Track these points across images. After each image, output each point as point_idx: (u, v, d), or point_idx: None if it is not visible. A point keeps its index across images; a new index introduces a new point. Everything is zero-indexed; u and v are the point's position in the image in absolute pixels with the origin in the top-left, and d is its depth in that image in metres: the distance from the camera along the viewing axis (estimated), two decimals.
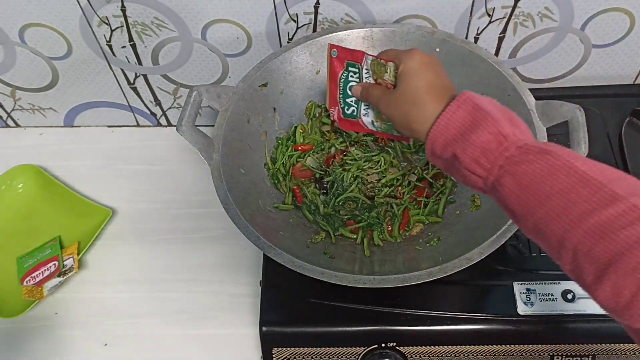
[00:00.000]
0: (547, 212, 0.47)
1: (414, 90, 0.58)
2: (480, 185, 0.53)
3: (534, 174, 0.48)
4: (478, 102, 0.53)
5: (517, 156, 0.50)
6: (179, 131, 0.76)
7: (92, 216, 0.91)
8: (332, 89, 0.69)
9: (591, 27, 0.86)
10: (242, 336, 0.80)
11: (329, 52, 0.68)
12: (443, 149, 0.54)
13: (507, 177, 0.50)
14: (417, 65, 0.59)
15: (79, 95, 0.99)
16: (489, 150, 0.51)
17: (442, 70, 0.60)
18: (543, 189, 0.47)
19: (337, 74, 0.68)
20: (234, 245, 0.88)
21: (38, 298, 0.83)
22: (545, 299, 0.72)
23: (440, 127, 0.54)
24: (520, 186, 0.49)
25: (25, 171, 0.95)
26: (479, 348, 0.72)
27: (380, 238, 0.77)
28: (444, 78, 0.59)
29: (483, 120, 0.52)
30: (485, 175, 0.52)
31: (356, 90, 0.67)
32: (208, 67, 0.93)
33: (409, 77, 0.59)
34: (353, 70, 0.67)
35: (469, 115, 0.53)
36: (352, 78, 0.68)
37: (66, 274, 0.84)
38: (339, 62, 0.68)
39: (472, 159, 0.52)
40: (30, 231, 0.92)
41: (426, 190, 0.81)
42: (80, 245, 0.88)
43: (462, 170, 0.53)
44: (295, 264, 0.66)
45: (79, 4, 0.83)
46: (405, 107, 0.58)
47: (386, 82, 0.63)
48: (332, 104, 0.70)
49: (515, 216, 0.51)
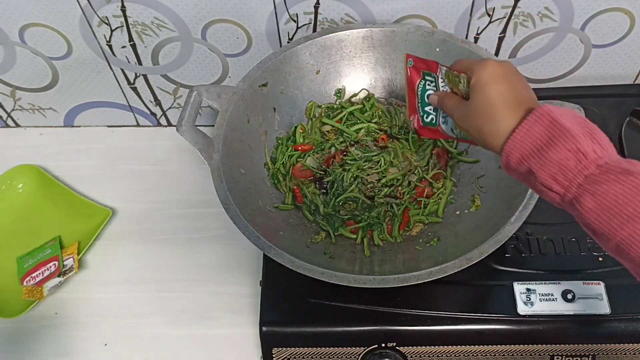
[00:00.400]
0: (630, 234, 0.46)
1: (486, 104, 0.56)
2: (558, 202, 0.52)
3: (615, 194, 0.47)
4: (556, 117, 0.51)
5: (597, 175, 0.48)
6: (179, 131, 0.76)
7: (92, 216, 0.91)
8: (411, 98, 0.69)
9: (591, 27, 0.86)
10: (242, 336, 0.80)
11: (406, 62, 0.68)
12: (518, 163, 0.53)
13: (586, 196, 0.48)
14: (488, 77, 0.56)
15: (79, 95, 0.99)
16: (567, 168, 0.49)
17: (518, 79, 0.57)
18: (626, 209, 0.46)
19: (415, 83, 0.68)
20: (234, 245, 0.88)
21: (38, 298, 0.83)
22: (545, 299, 0.72)
23: (516, 142, 0.52)
24: (601, 206, 0.47)
25: (25, 171, 0.95)
26: (479, 348, 0.72)
27: (380, 238, 0.77)
28: (520, 89, 0.56)
29: (561, 137, 0.50)
30: (563, 192, 0.50)
31: (433, 100, 0.66)
32: (208, 67, 0.93)
33: (480, 91, 0.56)
34: (429, 79, 0.67)
35: (546, 130, 0.51)
36: (429, 87, 0.67)
37: (66, 274, 0.84)
38: (415, 71, 0.67)
39: (549, 176, 0.50)
40: (30, 231, 0.92)
41: (426, 190, 0.81)
42: (80, 245, 0.88)
43: (538, 185, 0.52)
44: (295, 264, 0.66)
45: (79, 4, 0.83)
46: (478, 121, 0.56)
47: (461, 93, 0.62)
48: (411, 113, 0.70)
49: (595, 234, 0.50)
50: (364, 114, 0.87)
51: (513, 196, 0.70)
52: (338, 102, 0.88)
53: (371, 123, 0.86)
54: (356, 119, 0.87)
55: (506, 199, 0.72)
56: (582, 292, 0.72)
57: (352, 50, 0.86)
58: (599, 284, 0.72)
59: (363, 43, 0.85)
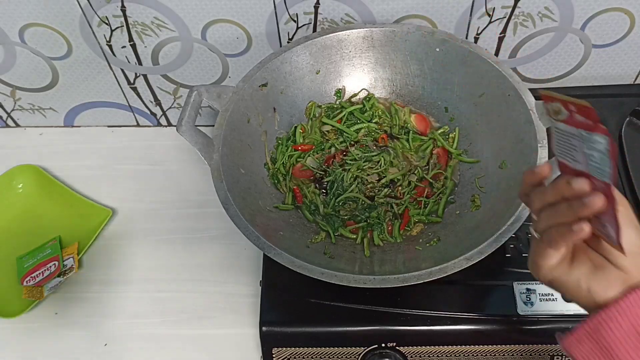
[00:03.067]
0: None
1: None
2: None
3: None
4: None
5: None
6: (179, 131, 0.76)
7: (92, 216, 0.91)
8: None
9: (591, 27, 0.86)
10: (242, 336, 0.80)
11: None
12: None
13: None
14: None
15: (79, 95, 0.99)
16: None
17: None
18: None
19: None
20: (234, 245, 0.88)
21: (38, 298, 0.83)
22: (545, 299, 0.72)
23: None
24: None
25: (25, 171, 0.95)
26: (479, 348, 0.72)
27: (380, 238, 0.77)
28: None
29: None
30: None
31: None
32: (208, 67, 0.93)
33: None
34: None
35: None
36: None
37: (66, 274, 0.84)
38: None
39: None
40: (30, 231, 0.92)
41: (426, 190, 0.81)
42: (80, 245, 0.88)
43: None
44: (296, 264, 0.66)
45: (79, 4, 0.83)
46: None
47: None
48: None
49: None
50: (364, 114, 0.87)
51: (513, 196, 0.70)
52: (338, 102, 0.88)
53: (371, 123, 0.86)
54: (356, 119, 0.87)
55: (506, 199, 0.72)
56: None
57: (352, 50, 0.86)
58: None
59: (363, 43, 0.85)
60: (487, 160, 0.80)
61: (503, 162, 0.76)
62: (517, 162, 0.74)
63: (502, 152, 0.77)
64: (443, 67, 0.83)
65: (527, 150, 0.72)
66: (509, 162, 0.76)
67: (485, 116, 0.81)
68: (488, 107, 0.80)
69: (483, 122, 0.81)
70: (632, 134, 0.87)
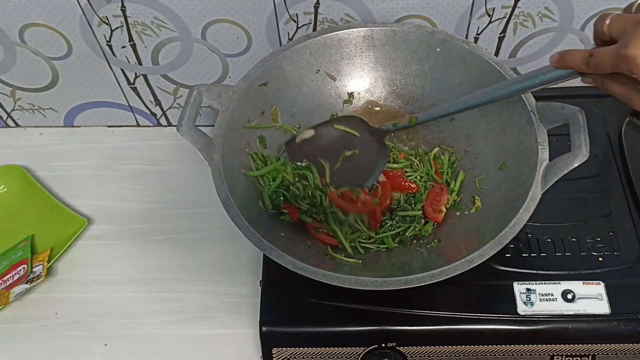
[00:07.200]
0: None
1: None
2: None
3: None
4: None
5: None
6: (179, 131, 0.76)
7: (67, 224, 0.89)
8: None
9: (591, 27, 0.86)
10: (242, 336, 0.80)
11: None
12: None
13: None
14: None
15: (79, 95, 0.99)
16: None
17: None
18: None
19: None
20: (234, 245, 0.88)
21: (4, 303, 0.81)
22: (545, 299, 0.72)
23: None
24: None
25: (10, 172, 0.94)
26: (479, 348, 0.72)
27: (363, 245, 0.77)
28: None
29: None
30: None
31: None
32: (208, 67, 0.93)
33: None
34: None
35: None
36: None
37: (33, 281, 0.82)
38: None
39: None
40: (9, 233, 0.90)
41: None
42: (53, 253, 0.86)
43: None
44: (297, 266, 0.66)
45: (79, 4, 0.83)
46: None
47: None
48: None
49: None
50: None
51: (514, 198, 0.70)
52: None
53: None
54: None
55: (507, 201, 0.72)
56: (582, 292, 0.72)
57: (353, 49, 0.85)
58: (599, 284, 0.72)
59: (363, 42, 0.85)
60: (488, 162, 0.80)
61: (503, 164, 0.76)
62: (518, 164, 0.74)
63: (502, 154, 0.77)
64: (443, 67, 0.83)
65: (528, 152, 0.72)
66: (509, 164, 0.76)
67: (486, 117, 0.80)
68: (488, 108, 0.80)
69: (483, 122, 0.81)
70: (632, 134, 0.87)
